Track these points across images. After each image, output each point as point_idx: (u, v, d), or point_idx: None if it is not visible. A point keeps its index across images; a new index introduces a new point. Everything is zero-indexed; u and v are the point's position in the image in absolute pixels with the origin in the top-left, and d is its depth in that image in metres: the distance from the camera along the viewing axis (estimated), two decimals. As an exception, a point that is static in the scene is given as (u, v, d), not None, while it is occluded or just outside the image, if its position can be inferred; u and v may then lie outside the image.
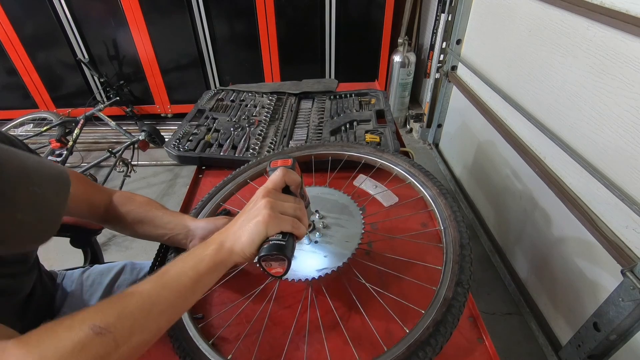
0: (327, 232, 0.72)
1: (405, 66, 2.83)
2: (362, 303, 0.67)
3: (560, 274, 1.37)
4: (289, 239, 0.50)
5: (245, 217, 0.52)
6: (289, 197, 0.54)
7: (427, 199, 0.76)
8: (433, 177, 0.79)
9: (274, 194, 0.52)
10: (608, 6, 1.10)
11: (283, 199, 0.53)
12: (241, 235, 0.50)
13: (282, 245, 0.49)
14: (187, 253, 0.52)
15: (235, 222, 0.53)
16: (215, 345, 0.63)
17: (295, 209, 0.52)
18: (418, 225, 0.87)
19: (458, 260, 0.62)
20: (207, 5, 2.62)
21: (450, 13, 2.20)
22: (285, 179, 0.54)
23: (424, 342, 0.53)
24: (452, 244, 0.65)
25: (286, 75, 2.95)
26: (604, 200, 1.14)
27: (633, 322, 0.99)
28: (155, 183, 2.62)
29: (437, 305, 0.57)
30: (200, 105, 1.37)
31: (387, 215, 0.89)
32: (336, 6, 2.65)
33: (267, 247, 0.49)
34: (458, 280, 0.59)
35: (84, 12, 2.65)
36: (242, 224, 0.51)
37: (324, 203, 0.78)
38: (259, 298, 0.72)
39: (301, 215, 0.53)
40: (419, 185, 0.79)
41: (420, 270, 0.75)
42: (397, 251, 0.78)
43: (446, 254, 0.64)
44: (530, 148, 1.52)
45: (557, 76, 1.34)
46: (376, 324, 0.65)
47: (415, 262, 0.76)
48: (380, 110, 1.27)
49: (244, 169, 0.94)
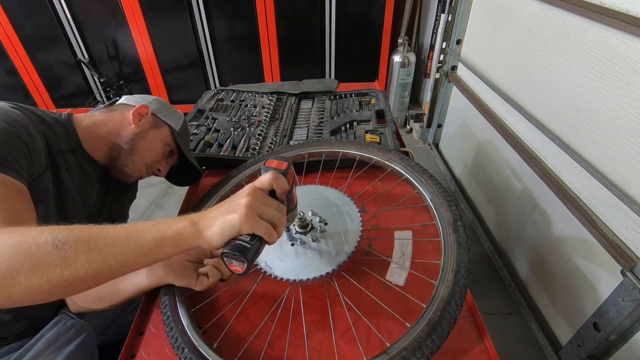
0: (326, 229, 0.72)
1: (405, 66, 2.83)
2: (364, 303, 0.67)
3: (560, 274, 1.37)
4: (256, 242, 0.50)
5: (224, 207, 0.52)
6: (273, 201, 0.54)
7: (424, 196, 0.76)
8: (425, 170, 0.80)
9: (259, 195, 0.53)
10: (608, 6, 1.10)
11: (266, 202, 0.53)
12: (215, 224, 0.51)
13: (247, 248, 0.49)
14: (163, 219, 0.53)
15: (214, 209, 0.54)
16: (220, 348, 0.63)
17: (273, 216, 0.52)
18: (419, 226, 0.87)
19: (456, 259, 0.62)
20: (207, 5, 2.62)
21: (450, 13, 2.20)
22: (274, 184, 0.55)
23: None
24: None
25: (286, 75, 2.95)
26: (604, 200, 1.14)
27: (633, 322, 0.99)
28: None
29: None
30: (200, 105, 1.37)
31: (386, 214, 0.89)
32: (336, 6, 2.65)
33: (232, 246, 0.50)
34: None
35: (84, 12, 2.65)
36: (219, 214, 0.52)
37: (322, 201, 0.78)
38: (260, 299, 0.72)
39: (278, 222, 0.53)
40: (414, 181, 0.79)
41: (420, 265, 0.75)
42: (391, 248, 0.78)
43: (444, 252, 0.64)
44: (530, 148, 1.52)
45: (557, 76, 1.34)
46: (378, 322, 0.65)
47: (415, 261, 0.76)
48: (380, 110, 1.27)
49: (241, 168, 0.95)
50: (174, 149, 0.95)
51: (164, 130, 0.92)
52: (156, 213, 2.37)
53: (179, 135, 0.95)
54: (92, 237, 0.49)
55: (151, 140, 0.89)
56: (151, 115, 0.90)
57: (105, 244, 0.49)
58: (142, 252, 0.50)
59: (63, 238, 0.47)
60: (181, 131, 0.97)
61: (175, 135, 0.93)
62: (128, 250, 0.50)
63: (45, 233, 0.48)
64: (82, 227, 0.50)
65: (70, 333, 0.74)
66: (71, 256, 0.47)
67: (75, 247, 0.47)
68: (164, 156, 0.93)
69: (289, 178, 0.57)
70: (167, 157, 0.95)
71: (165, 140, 0.92)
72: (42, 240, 0.47)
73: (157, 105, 0.94)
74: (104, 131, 0.86)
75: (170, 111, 0.96)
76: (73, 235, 0.48)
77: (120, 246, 0.49)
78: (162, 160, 0.94)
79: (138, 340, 0.68)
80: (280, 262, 0.71)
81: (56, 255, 0.46)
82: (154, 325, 0.70)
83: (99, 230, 0.50)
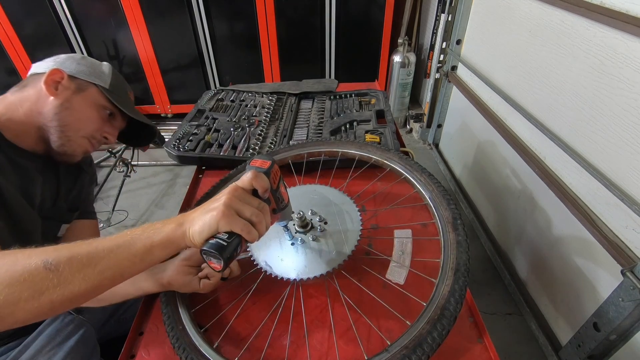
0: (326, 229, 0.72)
1: (405, 66, 2.83)
2: (365, 302, 0.67)
3: (560, 274, 1.37)
4: (233, 240, 0.51)
5: (205, 206, 0.53)
6: (254, 200, 0.55)
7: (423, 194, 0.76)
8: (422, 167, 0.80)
9: (240, 193, 0.53)
10: (608, 6, 1.10)
11: (246, 200, 0.53)
12: (196, 222, 0.52)
13: (223, 246, 0.50)
14: (150, 224, 0.54)
15: (198, 208, 0.54)
16: (220, 348, 0.63)
17: (252, 214, 0.52)
18: (418, 225, 0.87)
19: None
20: (207, 5, 2.62)
21: (450, 13, 2.20)
22: (253, 183, 0.55)
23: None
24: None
25: (286, 75, 2.95)
26: (604, 200, 1.14)
27: (633, 322, 0.99)
28: (155, 183, 2.62)
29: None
30: (200, 105, 1.37)
31: (386, 213, 0.89)
32: (336, 6, 2.65)
33: (210, 244, 0.50)
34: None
35: (84, 12, 2.65)
36: (200, 213, 0.53)
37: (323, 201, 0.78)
38: (261, 298, 0.72)
39: (257, 221, 0.53)
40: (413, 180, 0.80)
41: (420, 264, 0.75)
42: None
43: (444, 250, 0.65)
44: (530, 148, 1.52)
45: (557, 76, 1.34)
46: (379, 321, 0.65)
47: (415, 260, 0.76)
48: (380, 110, 1.27)
49: (241, 168, 0.94)
50: (112, 110, 0.82)
51: (91, 92, 0.79)
52: (156, 213, 2.37)
53: (111, 92, 0.81)
54: (83, 253, 0.49)
55: (79, 109, 0.77)
56: (69, 79, 0.76)
57: (98, 258, 0.49)
58: (136, 260, 0.51)
59: (54, 260, 0.47)
60: (113, 87, 0.82)
61: (107, 94, 0.80)
62: (121, 260, 0.50)
63: (33, 257, 0.47)
64: (69, 245, 0.50)
65: (69, 328, 0.73)
66: (68, 276, 0.47)
67: (69, 266, 0.48)
68: (103, 121, 0.81)
69: (272, 177, 0.57)
70: (108, 121, 0.83)
71: (97, 103, 0.79)
72: (32, 266, 0.46)
73: (73, 64, 0.79)
74: (22, 114, 0.74)
75: (93, 67, 0.81)
76: (64, 256, 0.48)
77: (114, 258, 0.50)
78: (104, 125, 0.82)
79: (138, 340, 0.68)
80: (280, 261, 0.71)
81: (52, 277, 0.46)
82: (154, 325, 0.70)
83: (88, 245, 0.50)
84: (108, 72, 0.83)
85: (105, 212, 2.23)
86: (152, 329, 0.69)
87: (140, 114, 0.87)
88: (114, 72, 0.84)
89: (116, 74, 0.84)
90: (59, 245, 0.50)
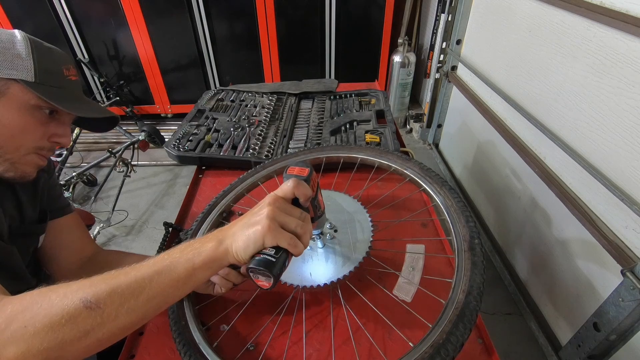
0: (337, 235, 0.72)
1: (405, 66, 2.83)
2: (368, 316, 0.67)
3: (560, 274, 1.37)
4: (281, 255, 0.49)
5: (247, 220, 0.51)
6: (295, 210, 0.52)
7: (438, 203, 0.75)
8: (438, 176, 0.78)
9: (281, 204, 0.51)
10: (608, 6, 1.10)
11: (288, 212, 0.51)
12: (239, 238, 0.49)
13: (272, 262, 0.48)
14: (187, 244, 0.51)
15: (237, 222, 0.52)
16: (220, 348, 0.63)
17: (297, 225, 0.50)
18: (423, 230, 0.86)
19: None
20: (207, 5, 2.62)
21: (450, 13, 2.20)
22: (295, 192, 0.52)
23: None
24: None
25: (286, 75, 2.95)
26: (604, 200, 1.14)
27: (633, 322, 0.99)
28: (155, 183, 2.62)
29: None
30: (200, 105, 1.37)
31: (399, 224, 0.89)
32: (336, 6, 2.65)
33: (257, 261, 0.48)
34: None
35: (84, 12, 2.65)
36: (242, 227, 0.50)
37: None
38: (264, 301, 0.72)
39: (302, 232, 0.51)
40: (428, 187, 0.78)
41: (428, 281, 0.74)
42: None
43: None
44: (530, 148, 1.52)
45: (557, 76, 1.34)
46: (381, 338, 0.65)
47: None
48: (380, 110, 1.27)
49: (258, 169, 0.92)
50: (51, 107, 0.61)
51: (13, 93, 0.57)
52: (156, 213, 2.37)
53: (39, 85, 0.59)
54: (124, 286, 0.46)
55: (6, 122, 0.57)
56: None
57: (140, 288, 0.46)
58: (179, 285, 0.49)
59: (93, 297, 0.44)
60: (39, 74, 0.59)
61: (35, 90, 0.58)
62: (164, 287, 0.48)
63: (69, 297, 0.44)
64: (104, 277, 0.47)
65: None
66: (111, 312, 0.44)
67: (111, 301, 0.45)
68: (44, 124, 0.62)
69: (312, 184, 0.55)
70: (50, 121, 0.63)
71: (27, 105, 0.59)
72: (72, 307, 0.43)
73: None
74: None
75: (4, 54, 0.57)
76: (103, 291, 0.45)
77: (156, 286, 0.47)
78: (48, 129, 0.63)
79: (138, 340, 0.68)
80: None
81: (95, 316, 0.44)
82: (154, 326, 0.70)
83: (125, 275, 0.47)
84: (26, 52, 0.58)
85: (105, 212, 2.23)
86: (152, 329, 0.69)
87: (89, 101, 0.68)
88: (34, 48, 0.59)
89: (38, 49, 0.59)
90: (93, 278, 0.47)
